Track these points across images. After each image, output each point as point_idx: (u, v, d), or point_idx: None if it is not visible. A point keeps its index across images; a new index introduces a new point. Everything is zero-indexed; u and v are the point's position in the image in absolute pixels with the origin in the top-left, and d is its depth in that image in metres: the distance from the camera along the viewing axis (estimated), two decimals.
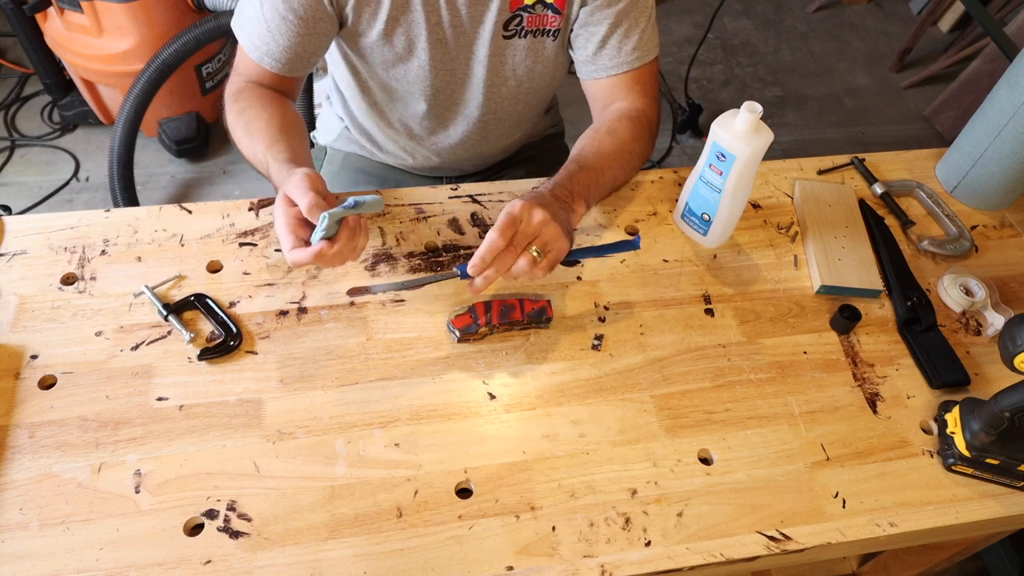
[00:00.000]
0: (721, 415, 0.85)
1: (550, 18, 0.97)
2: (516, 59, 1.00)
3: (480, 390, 0.85)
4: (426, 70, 0.99)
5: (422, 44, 0.96)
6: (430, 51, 0.97)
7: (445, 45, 0.97)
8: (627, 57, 0.99)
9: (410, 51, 0.97)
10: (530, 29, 0.97)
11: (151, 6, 1.90)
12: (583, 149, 0.96)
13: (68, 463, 0.76)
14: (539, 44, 0.99)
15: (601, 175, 0.94)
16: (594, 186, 0.93)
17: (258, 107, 0.92)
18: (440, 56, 0.98)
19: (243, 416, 0.81)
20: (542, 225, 0.80)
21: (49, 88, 2.21)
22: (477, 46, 0.98)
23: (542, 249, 0.81)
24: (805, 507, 0.79)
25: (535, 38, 0.99)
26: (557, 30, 0.98)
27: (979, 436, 0.79)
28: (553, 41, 1.00)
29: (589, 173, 0.92)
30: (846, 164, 1.14)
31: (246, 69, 0.96)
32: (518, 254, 0.80)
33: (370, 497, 0.76)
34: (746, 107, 0.86)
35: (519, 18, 0.96)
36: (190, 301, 0.89)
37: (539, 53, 1.00)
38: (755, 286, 0.98)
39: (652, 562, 0.74)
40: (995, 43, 1.92)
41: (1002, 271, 1.03)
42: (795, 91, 2.70)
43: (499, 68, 1.01)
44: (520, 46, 0.99)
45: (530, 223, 0.80)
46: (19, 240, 0.93)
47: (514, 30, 0.97)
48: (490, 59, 0.99)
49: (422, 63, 0.98)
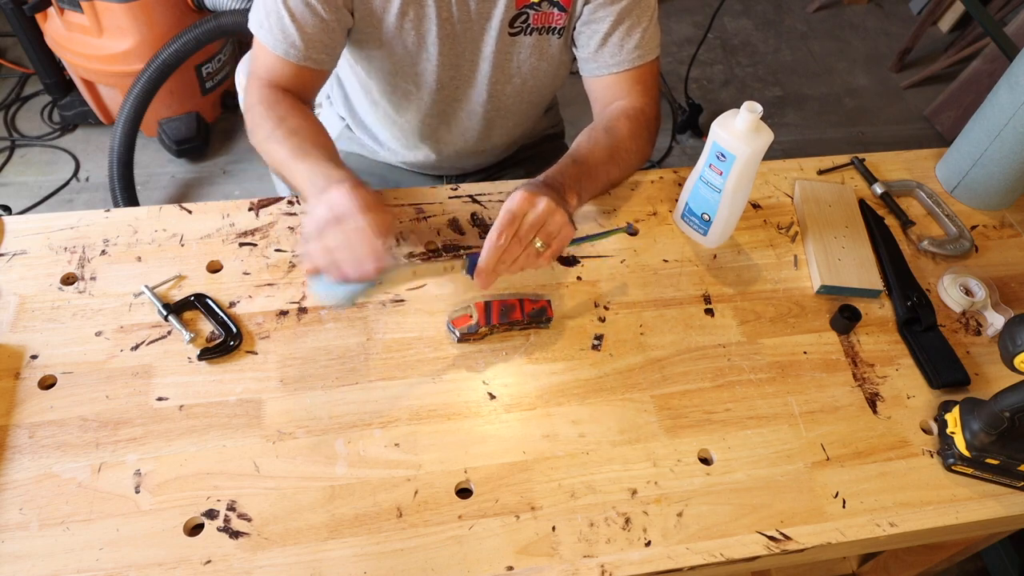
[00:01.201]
0: (721, 415, 0.85)
1: (556, 16, 0.97)
2: (521, 56, 1.00)
3: (480, 390, 0.85)
4: (434, 64, 0.99)
5: (432, 38, 0.96)
6: (439, 45, 0.97)
7: (454, 40, 0.97)
8: (629, 55, 0.98)
9: (420, 45, 0.97)
10: (536, 27, 0.97)
11: (151, 6, 1.90)
12: (579, 145, 0.96)
13: (68, 463, 0.76)
14: (544, 42, 1.00)
15: (595, 171, 0.93)
16: (587, 180, 0.92)
17: (300, 118, 0.90)
18: (448, 51, 0.98)
19: (243, 416, 0.81)
20: (547, 214, 0.79)
21: (49, 88, 2.21)
22: (483, 42, 0.98)
23: (546, 240, 0.80)
24: (805, 507, 0.79)
25: (541, 36, 0.99)
26: (562, 28, 0.98)
27: (979, 436, 0.79)
28: (558, 39, 1.00)
29: (582, 167, 0.92)
30: (846, 164, 1.14)
31: (268, 70, 0.94)
32: (524, 248, 0.79)
33: (370, 497, 0.76)
34: (746, 107, 0.86)
35: (525, 15, 0.96)
36: (190, 301, 0.89)
37: (544, 51, 1.01)
38: (755, 286, 0.98)
39: (652, 562, 0.74)
40: (995, 43, 1.92)
41: (1002, 271, 1.03)
42: (795, 91, 2.70)
43: (504, 65, 1.01)
44: (526, 43, 0.99)
45: (535, 212, 0.79)
46: (19, 240, 0.93)
47: (520, 27, 0.97)
48: (496, 56, 0.99)
49: (431, 57, 0.98)
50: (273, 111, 0.90)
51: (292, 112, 0.90)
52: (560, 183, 0.87)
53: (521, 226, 0.79)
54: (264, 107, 0.91)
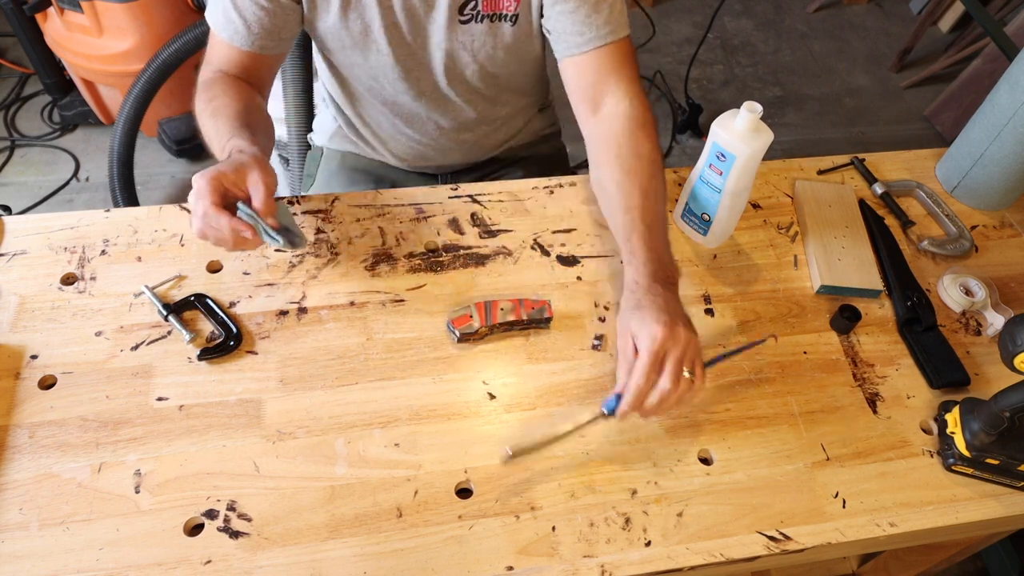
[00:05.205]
0: (721, 415, 0.85)
1: (506, 2, 0.96)
2: (475, 44, 1.00)
3: (480, 390, 0.85)
4: (386, 55, 0.99)
5: (377, 28, 0.96)
6: (387, 35, 0.96)
7: (399, 29, 0.97)
8: (598, 31, 0.94)
9: (367, 36, 0.97)
10: (486, 13, 0.97)
11: (151, 6, 1.90)
12: (630, 199, 0.88)
13: (68, 463, 0.76)
14: (497, 28, 0.99)
15: (661, 213, 0.89)
16: (663, 225, 0.88)
17: (228, 97, 0.91)
18: (397, 41, 0.98)
19: (243, 416, 0.81)
20: (687, 344, 0.75)
21: (49, 88, 2.21)
22: (432, 30, 0.98)
23: (691, 368, 0.76)
24: (805, 507, 0.79)
25: (492, 23, 0.98)
26: (515, 15, 0.97)
27: (979, 436, 0.79)
28: (512, 26, 0.99)
29: (654, 220, 0.87)
30: (846, 164, 1.14)
31: (218, 57, 0.96)
32: (677, 384, 0.75)
33: (370, 497, 0.76)
34: (746, 107, 0.86)
35: (474, 2, 0.95)
36: (190, 301, 0.89)
37: (498, 38, 1.00)
38: (755, 286, 0.98)
39: (652, 562, 0.74)
40: (995, 43, 1.92)
41: (1002, 271, 1.03)
42: (795, 91, 2.70)
43: (457, 53, 1.00)
44: (478, 31, 0.98)
45: (678, 349, 0.75)
46: (19, 240, 0.93)
47: (470, 14, 0.96)
48: (447, 43, 0.99)
49: (381, 48, 0.98)
50: (205, 93, 0.92)
51: (223, 92, 0.92)
52: (663, 267, 0.83)
53: (667, 362, 0.75)
54: (200, 90, 0.94)
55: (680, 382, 0.75)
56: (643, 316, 0.77)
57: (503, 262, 0.97)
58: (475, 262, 0.96)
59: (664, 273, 0.83)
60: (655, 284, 0.81)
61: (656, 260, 0.83)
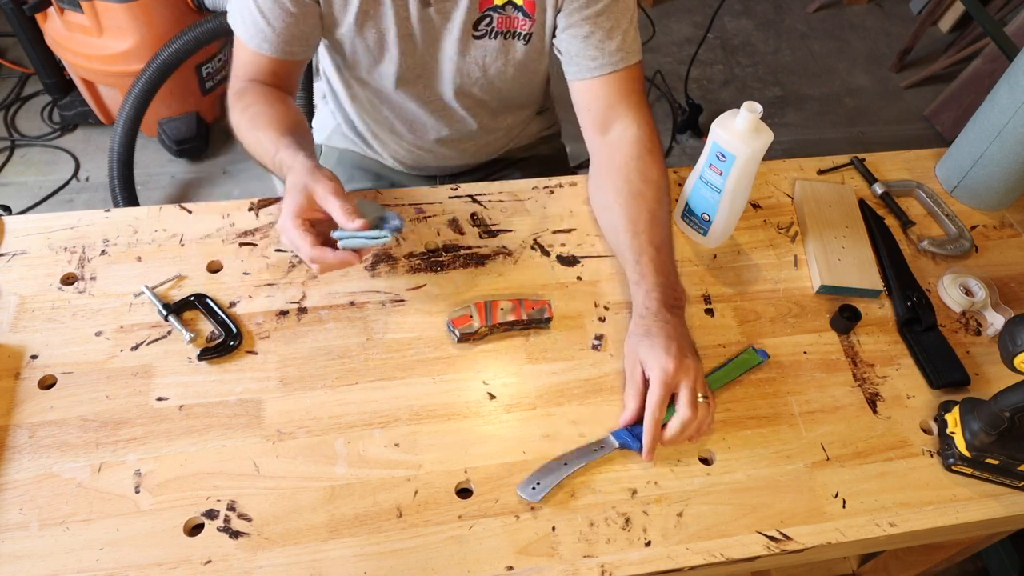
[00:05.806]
0: (721, 415, 0.85)
1: (520, 21, 0.97)
2: (487, 59, 1.00)
3: (480, 390, 0.85)
4: (396, 64, 0.99)
5: (392, 38, 0.96)
6: (400, 45, 0.97)
7: (413, 40, 0.97)
8: (611, 58, 0.96)
9: (380, 44, 0.97)
10: (500, 30, 0.97)
11: (151, 6, 1.90)
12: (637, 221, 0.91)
13: (68, 463, 0.76)
14: (510, 46, 0.99)
15: (666, 234, 0.92)
16: (670, 249, 0.91)
17: (264, 104, 0.92)
18: (410, 51, 0.98)
19: (243, 416, 0.81)
20: (696, 374, 0.80)
21: (49, 88, 2.21)
22: (446, 43, 0.98)
23: (704, 392, 0.80)
24: (805, 507, 0.79)
25: (506, 40, 0.99)
26: (529, 34, 0.98)
27: (979, 436, 0.79)
28: (524, 44, 0.99)
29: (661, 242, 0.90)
30: (846, 164, 1.14)
31: (245, 66, 0.96)
32: (695, 411, 0.79)
33: (370, 497, 0.76)
34: (746, 107, 0.86)
35: (489, 18, 0.96)
36: (190, 301, 0.89)
37: (509, 55, 1.00)
38: (755, 286, 0.98)
39: (652, 562, 0.74)
40: (995, 43, 1.92)
41: (1002, 271, 1.03)
42: (795, 91, 2.70)
43: (467, 67, 1.01)
44: (490, 47, 0.99)
45: (689, 379, 0.79)
46: (19, 240, 0.93)
47: (484, 30, 0.97)
48: (459, 57, 0.99)
49: (392, 57, 0.98)
50: (239, 102, 0.93)
51: (256, 100, 0.92)
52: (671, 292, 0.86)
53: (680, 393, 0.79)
54: (233, 100, 0.94)
55: (698, 408, 0.78)
56: (652, 344, 0.81)
57: (503, 262, 0.97)
58: (475, 262, 0.96)
59: (672, 298, 0.86)
60: (663, 310, 0.84)
61: (665, 284, 0.87)
